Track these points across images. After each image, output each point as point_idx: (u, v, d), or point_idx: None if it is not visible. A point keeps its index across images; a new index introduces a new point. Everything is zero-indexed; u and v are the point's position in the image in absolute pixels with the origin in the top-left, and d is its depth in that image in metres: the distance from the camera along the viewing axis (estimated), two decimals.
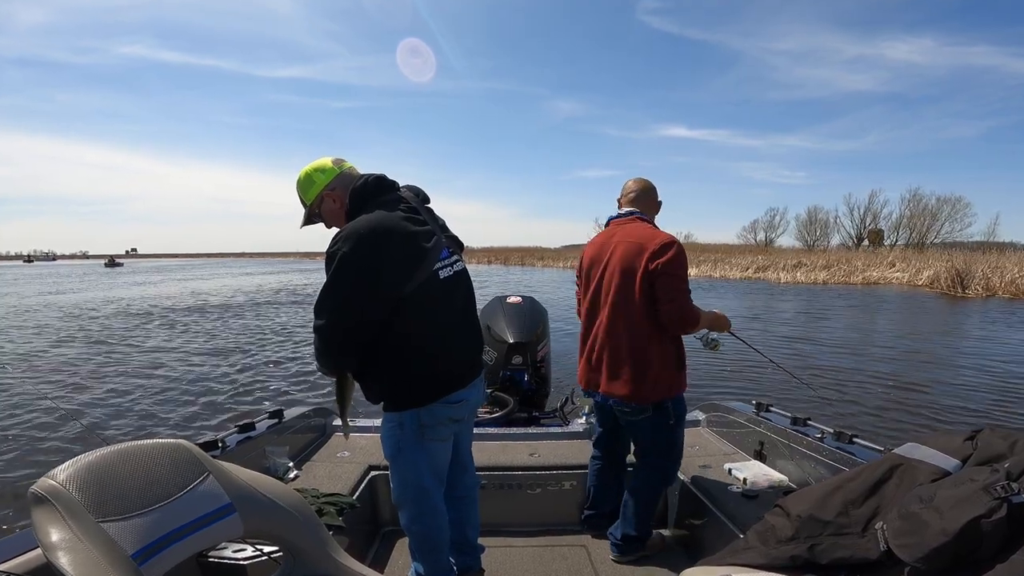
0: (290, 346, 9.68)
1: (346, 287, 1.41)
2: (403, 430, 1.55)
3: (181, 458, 1.05)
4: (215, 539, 1.05)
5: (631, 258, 1.88)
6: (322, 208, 1.61)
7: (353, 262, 1.39)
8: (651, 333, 1.88)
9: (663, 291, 1.82)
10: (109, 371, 7.78)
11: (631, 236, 1.93)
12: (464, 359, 1.63)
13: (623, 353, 1.91)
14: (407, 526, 1.65)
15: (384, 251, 1.42)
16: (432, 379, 1.54)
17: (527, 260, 39.27)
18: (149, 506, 0.94)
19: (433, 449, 1.58)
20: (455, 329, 1.61)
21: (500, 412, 3.13)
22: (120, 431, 5.22)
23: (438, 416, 1.56)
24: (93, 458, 0.94)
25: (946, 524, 0.92)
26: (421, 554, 1.70)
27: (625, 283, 1.89)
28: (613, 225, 2.06)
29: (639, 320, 1.87)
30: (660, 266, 1.81)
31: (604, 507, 2.21)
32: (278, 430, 2.33)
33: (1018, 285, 17.88)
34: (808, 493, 1.25)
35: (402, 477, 1.61)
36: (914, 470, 1.13)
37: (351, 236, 1.42)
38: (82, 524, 0.84)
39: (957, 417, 5.46)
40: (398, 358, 1.51)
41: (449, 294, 1.57)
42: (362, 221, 1.46)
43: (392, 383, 1.53)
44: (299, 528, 1.18)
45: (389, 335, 1.48)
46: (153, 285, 29.25)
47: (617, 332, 1.92)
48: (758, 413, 2.44)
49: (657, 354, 1.89)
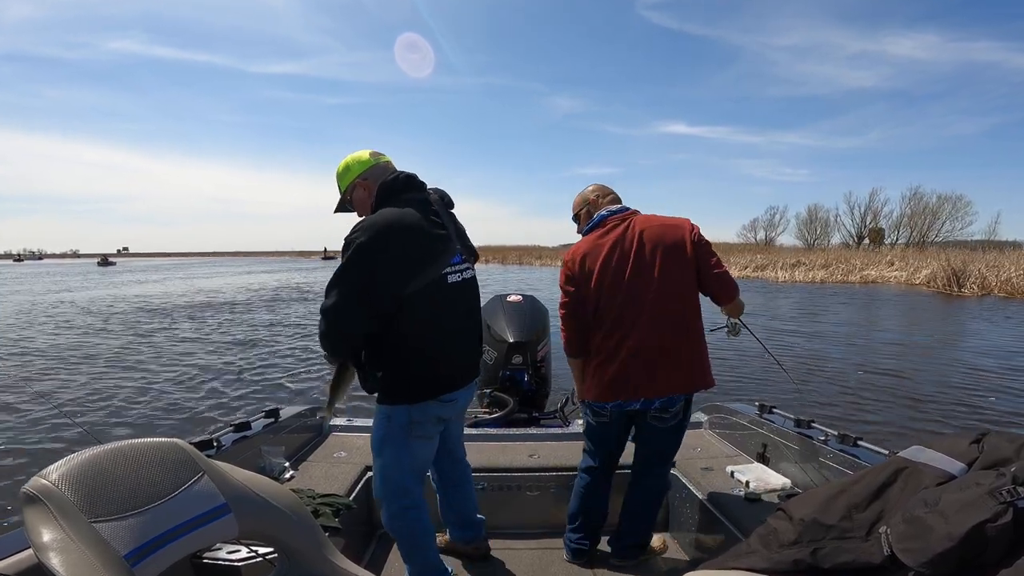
0: (287, 344, 9.69)
1: (356, 274, 1.48)
2: (391, 423, 1.62)
3: (175, 457, 1.04)
4: (210, 540, 1.05)
5: (671, 237, 1.86)
6: (353, 196, 1.71)
7: (367, 252, 1.46)
8: (699, 313, 1.90)
9: (714, 260, 1.89)
10: (102, 369, 7.79)
11: (653, 221, 1.91)
12: (463, 363, 1.69)
13: (687, 338, 1.86)
14: (388, 524, 1.71)
15: (398, 246, 1.49)
16: (429, 380, 1.60)
17: (525, 259, 39.59)
18: (143, 506, 0.94)
19: (417, 448, 1.65)
20: (457, 334, 1.67)
21: (500, 413, 3.14)
22: (114, 430, 5.22)
23: (428, 414, 1.62)
24: (86, 457, 0.94)
25: (951, 528, 0.92)
26: (407, 554, 1.75)
27: (675, 261, 1.84)
28: (612, 221, 1.96)
29: (693, 300, 1.88)
30: (702, 239, 1.89)
31: (594, 533, 2.09)
32: (274, 429, 2.33)
33: (1013, 284, 18.26)
34: (811, 496, 1.25)
35: (384, 473, 1.68)
36: (919, 474, 1.13)
37: (370, 227, 1.49)
38: (74, 524, 0.84)
39: (962, 419, 5.47)
40: (398, 355, 1.56)
41: (455, 299, 1.64)
42: (383, 214, 1.54)
43: (389, 377, 1.58)
44: (294, 529, 1.18)
45: (392, 330, 1.54)
46: (151, 284, 29.26)
47: (674, 318, 1.83)
48: (761, 415, 2.44)
49: (704, 336, 1.93)
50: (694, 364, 1.87)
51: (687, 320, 1.86)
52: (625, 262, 1.87)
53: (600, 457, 2.05)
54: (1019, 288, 17.96)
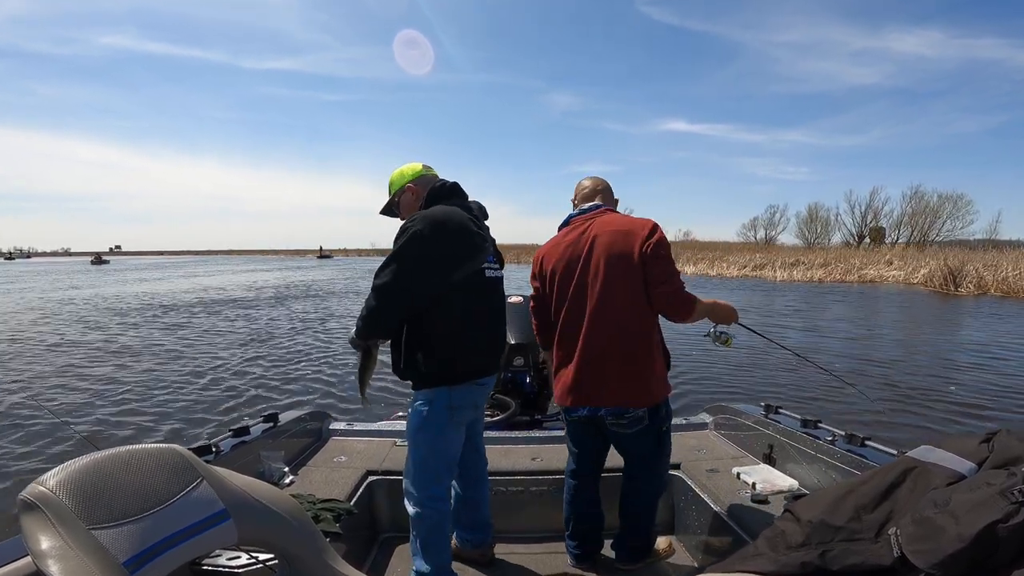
0: (287, 347, 9.69)
1: (411, 257, 1.67)
2: (431, 408, 1.76)
3: (174, 463, 1.05)
4: (209, 546, 1.05)
5: (620, 245, 1.80)
6: (402, 198, 1.92)
7: (422, 238, 1.66)
8: (650, 325, 1.83)
9: (659, 272, 1.77)
10: (99, 373, 7.79)
11: (612, 224, 1.86)
12: (494, 349, 1.91)
13: (628, 350, 1.81)
14: (413, 515, 1.78)
15: (447, 237, 1.70)
16: (468, 362, 1.78)
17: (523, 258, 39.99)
18: (141, 513, 0.94)
19: (452, 435, 1.81)
20: (490, 322, 1.87)
21: (502, 415, 3.13)
22: (111, 435, 5.23)
23: (466, 398, 1.80)
24: (84, 464, 0.94)
25: (962, 529, 0.92)
26: (425, 549, 1.78)
27: (619, 272, 1.79)
28: (577, 221, 1.95)
29: (639, 311, 1.80)
30: (652, 247, 1.77)
31: (589, 537, 2.09)
32: (273, 434, 2.33)
33: (1009, 283, 18.71)
34: (819, 497, 1.25)
35: (419, 460, 1.79)
36: (928, 474, 1.13)
37: (425, 218, 1.70)
38: (73, 531, 0.84)
39: (972, 420, 5.46)
40: (440, 338, 1.73)
41: (490, 292, 1.86)
42: (435, 210, 1.76)
43: (431, 361, 1.73)
44: (295, 535, 1.18)
45: (436, 315, 1.72)
46: (152, 283, 29.29)
47: (613, 329, 1.81)
48: (767, 415, 2.44)
49: (658, 351, 1.86)
50: (639, 377, 1.82)
51: (631, 331, 1.81)
52: (575, 267, 1.88)
53: (580, 460, 2.05)
54: (1014, 287, 18.42)
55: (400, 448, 2.52)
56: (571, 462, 2.08)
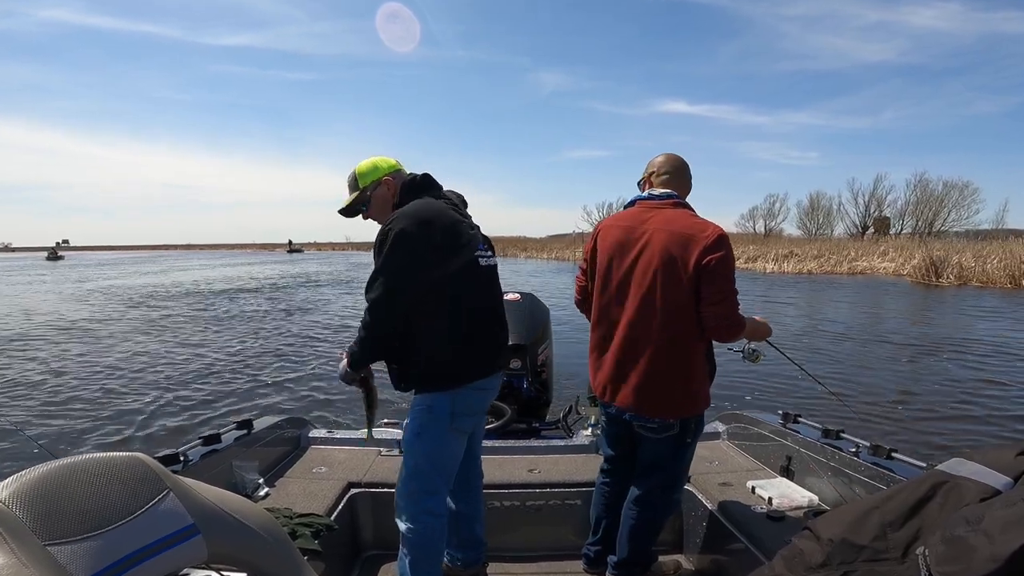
0: (262, 349, 9.67)
1: (400, 259, 1.67)
2: (431, 413, 1.76)
3: (138, 474, 1.04)
4: (176, 564, 1.04)
5: (677, 250, 1.78)
6: (375, 193, 1.89)
7: (406, 237, 1.67)
8: (693, 338, 1.83)
9: (714, 291, 1.76)
10: (56, 376, 7.76)
11: (674, 224, 1.83)
12: (498, 343, 1.93)
13: (659, 360, 1.82)
14: (405, 529, 1.77)
15: (432, 231, 1.71)
16: (470, 359, 1.79)
17: (509, 251, 40.22)
18: (103, 527, 0.94)
19: (453, 443, 1.82)
20: (491, 314, 1.90)
21: (496, 423, 3.13)
22: (70, 444, 5.20)
23: (469, 403, 1.81)
24: (39, 473, 0.94)
25: (996, 549, 0.92)
26: (414, 569, 1.78)
27: (668, 278, 1.79)
28: (643, 207, 1.94)
29: (682, 323, 1.80)
30: (714, 262, 1.75)
31: (608, 541, 2.11)
32: (247, 442, 2.32)
33: (988, 274, 20.37)
34: (841, 514, 1.25)
35: (415, 468, 1.79)
36: (960, 488, 1.13)
37: (404, 216, 1.71)
38: (27, 548, 0.84)
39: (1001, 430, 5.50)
40: (439, 337, 1.74)
41: (488, 282, 1.89)
42: (414, 204, 1.77)
43: (431, 363, 1.75)
44: (270, 552, 1.18)
45: (432, 313, 1.73)
46: (112, 279, 29.20)
47: (650, 334, 1.82)
48: (785, 425, 2.45)
49: (698, 363, 1.87)
50: (669, 392, 1.85)
51: (673, 348, 1.82)
52: (625, 258, 1.90)
53: (611, 458, 2.12)
54: (992, 278, 20.10)
55: (385, 458, 2.52)
56: (604, 460, 2.17)
